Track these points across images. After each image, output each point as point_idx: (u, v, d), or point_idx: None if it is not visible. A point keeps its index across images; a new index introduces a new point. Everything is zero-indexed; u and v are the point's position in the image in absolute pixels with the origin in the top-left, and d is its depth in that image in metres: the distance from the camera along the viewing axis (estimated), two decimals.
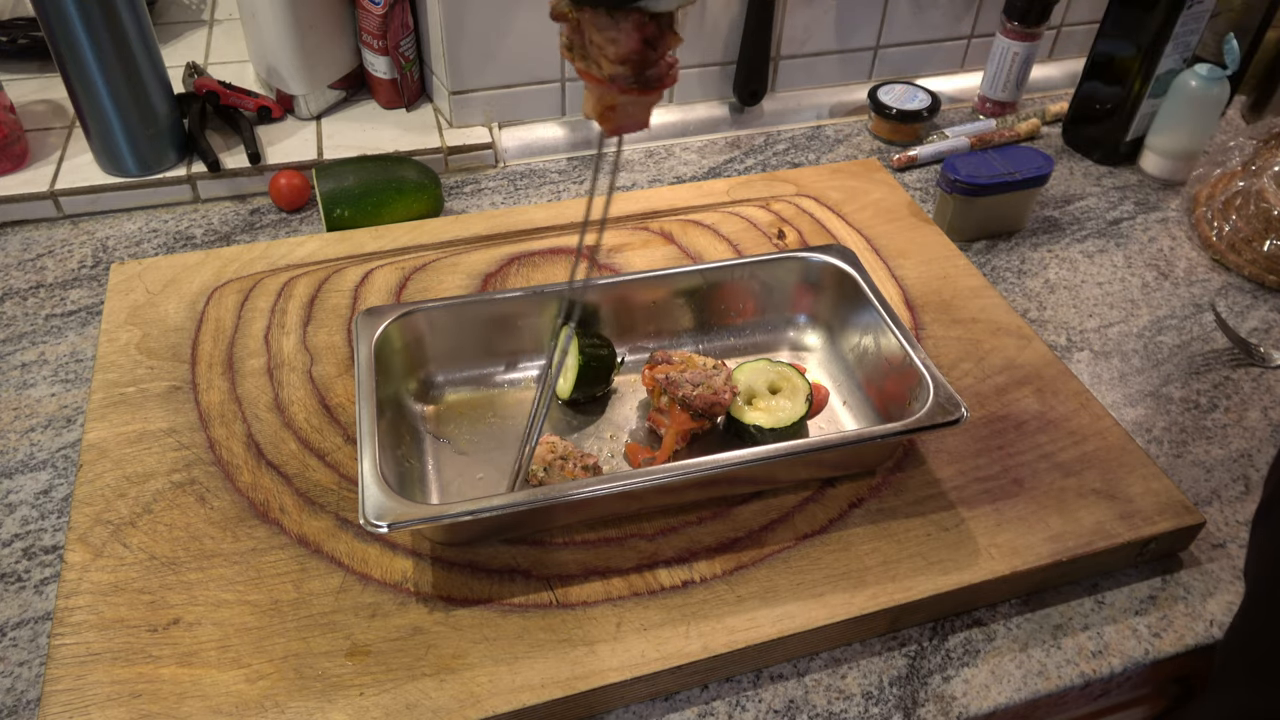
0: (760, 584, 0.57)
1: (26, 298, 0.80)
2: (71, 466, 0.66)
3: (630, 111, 0.50)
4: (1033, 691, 0.56)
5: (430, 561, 0.58)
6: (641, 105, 0.50)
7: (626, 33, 0.47)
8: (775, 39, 1.03)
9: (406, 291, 0.77)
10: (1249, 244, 0.88)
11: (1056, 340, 0.80)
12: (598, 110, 0.50)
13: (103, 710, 0.50)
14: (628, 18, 0.47)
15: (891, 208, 0.89)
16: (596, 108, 0.50)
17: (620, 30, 0.47)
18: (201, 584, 0.56)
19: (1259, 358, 0.79)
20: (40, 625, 0.57)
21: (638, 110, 0.50)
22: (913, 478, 0.64)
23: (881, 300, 0.68)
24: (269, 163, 0.92)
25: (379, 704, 0.51)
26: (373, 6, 0.93)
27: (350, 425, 0.66)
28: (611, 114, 0.50)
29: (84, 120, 0.87)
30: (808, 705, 0.55)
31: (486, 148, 0.98)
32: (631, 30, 0.47)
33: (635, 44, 0.48)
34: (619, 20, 0.47)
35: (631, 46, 0.48)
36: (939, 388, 0.61)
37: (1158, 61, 0.95)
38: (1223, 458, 0.71)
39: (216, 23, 1.18)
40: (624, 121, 0.50)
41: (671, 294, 0.72)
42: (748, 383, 0.66)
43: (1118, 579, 0.62)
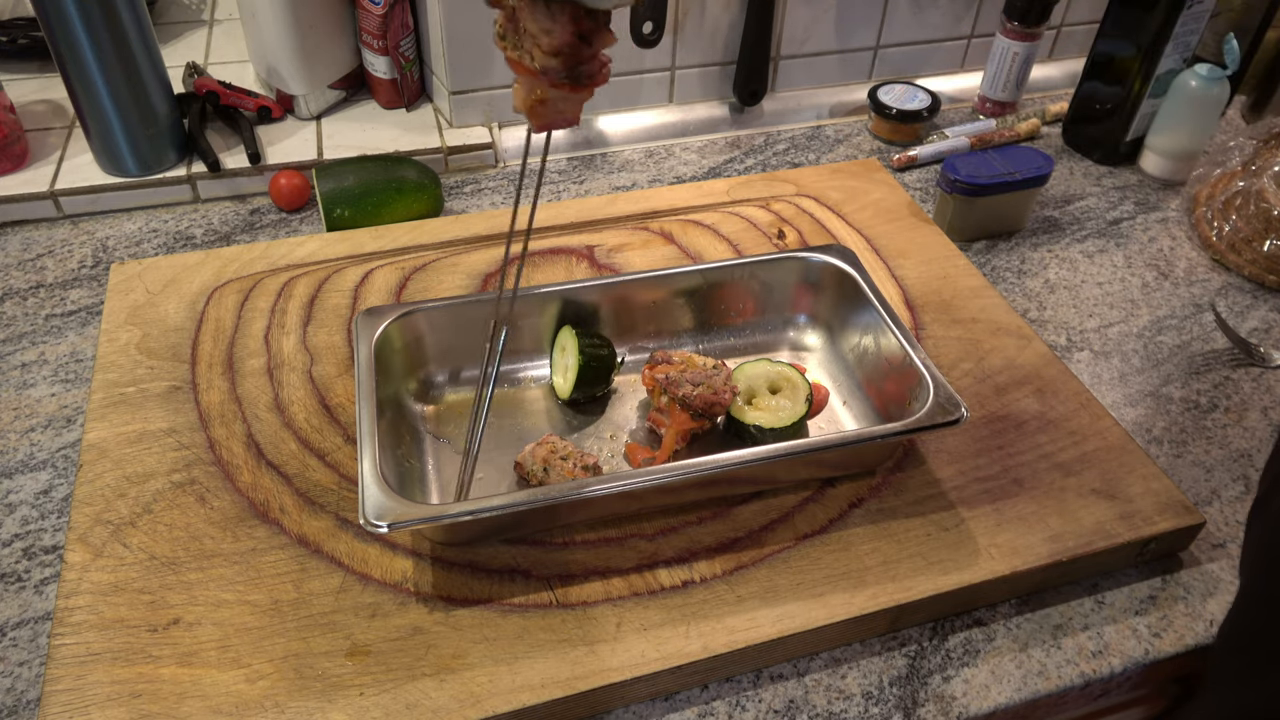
0: (760, 584, 0.57)
1: (26, 298, 0.80)
2: (71, 466, 0.66)
3: (560, 108, 0.50)
4: (1033, 691, 0.56)
5: (430, 561, 0.58)
6: (572, 102, 0.50)
7: (562, 25, 0.47)
8: (775, 39, 1.03)
9: (406, 291, 0.77)
10: (1249, 244, 0.88)
11: (1056, 340, 0.80)
12: (527, 104, 0.50)
13: (103, 710, 0.50)
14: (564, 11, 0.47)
15: (891, 208, 0.89)
16: (526, 101, 0.50)
17: (555, 22, 0.47)
18: (201, 584, 0.56)
19: (1259, 358, 0.79)
20: (40, 625, 0.57)
21: (568, 106, 0.50)
22: (913, 478, 0.64)
23: (881, 300, 0.68)
24: (269, 163, 0.92)
25: (379, 704, 0.51)
26: (373, 6, 0.93)
27: (350, 425, 0.66)
28: (541, 108, 0.50)
29: (84, 120, 0.87)
30: (808, 705, 0.55)
31: (486, 148, 0.98)
32: (567, 23, 0.47)
33: (569, 37, 0.47)
34: (555, 12, 0.47)
35: (565, 39, 0.47)
36: (939, 388, 0.61)
37: (1158, 61, 0.95)
38: (1223, 458, 0.71)
39: (216, 23, 1.18)
40: (553, 118, 0.50)
41: (671, 294, 0.72)
42: (748, 383, 0.66)
43: (1118, 579, 0.62)
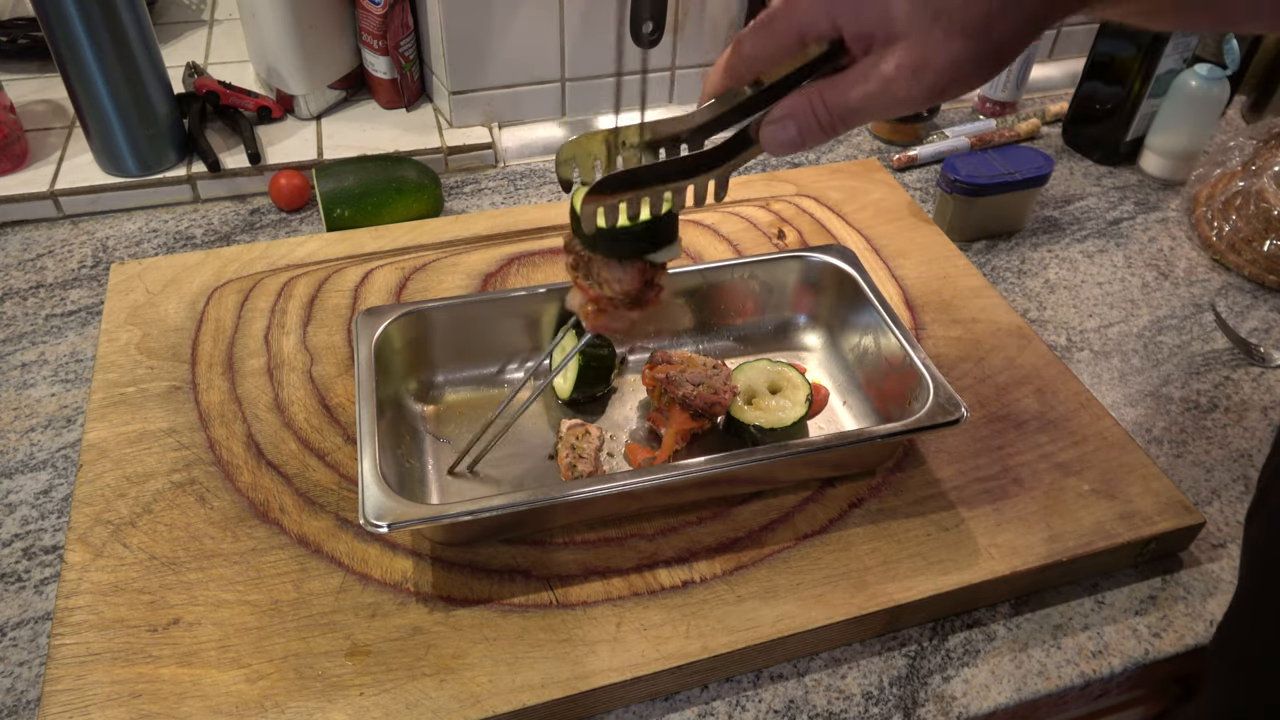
0: (760, 584, 0.57)
1: (26, 298, 0.80)
2: (71, 466, 0.66)
3: (616, 316, 0.57)
4: (1033, 691, 0.56)
5: (430, 561, 0.58)
6: (627, 317, 0.57)
7: (631, 275, 0.55)
8: None
9: (406, 291, 0.77)
10: (1249, 244, 0.88)
11: (1056, 340, 0.80)
12: (584, 311, 0.57)
13: (103, 710, 0.50)
14: (634, 264, 0.55)
15: (891, 208, 0.89)
16: (584, 309, 0.57)
17: (626, 273, 0.55)
18: (201, 584, 0.56)
19: (1259, 358, 0.79)
20: (40, 625, 0.57)
21: (619, 320, 0.57)
22: (913, 478, 0.64)
23: (881, 300, 0.68)
24: (269, 163, 0.92)
25: (379, 704, 0.51)
26: (373, 6, 0.93)
27: (350, 425, 0.66)
28: (599, 316, 0.57)
29: (84, 120, 0.87)
30: (808, 705, 0.55)
31: (486, 148, 0.98)
32: (635, 274, 0.55)
33: (637, 284, 0.56)
34: (626, 266, 0.55)
35: (634, 286, 0.56)
36: (939, 388, 0.61)
37: (1158, 61, 0.95)
38: (1223, 458, 0.71)
39: (216, 23, 1.18)
40: (609, 325, 0.57)
41: (671, 294, 0.72)
42: (748, 383, 0.66)
43: (1118, 579, 0.62)
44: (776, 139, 0.46)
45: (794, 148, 0.46)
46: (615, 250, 0.54)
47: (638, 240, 0.54)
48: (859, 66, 0.43)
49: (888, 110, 0.43)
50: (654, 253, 0.55)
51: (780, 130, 0.45)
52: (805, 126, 0.45)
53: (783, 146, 0.46)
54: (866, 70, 0.42)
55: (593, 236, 0.53)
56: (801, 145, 0.46)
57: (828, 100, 0.44)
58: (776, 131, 0.46)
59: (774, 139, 0.46)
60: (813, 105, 0.44)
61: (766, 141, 0.46)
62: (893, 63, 0.41)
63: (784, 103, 0.45)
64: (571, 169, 0.53)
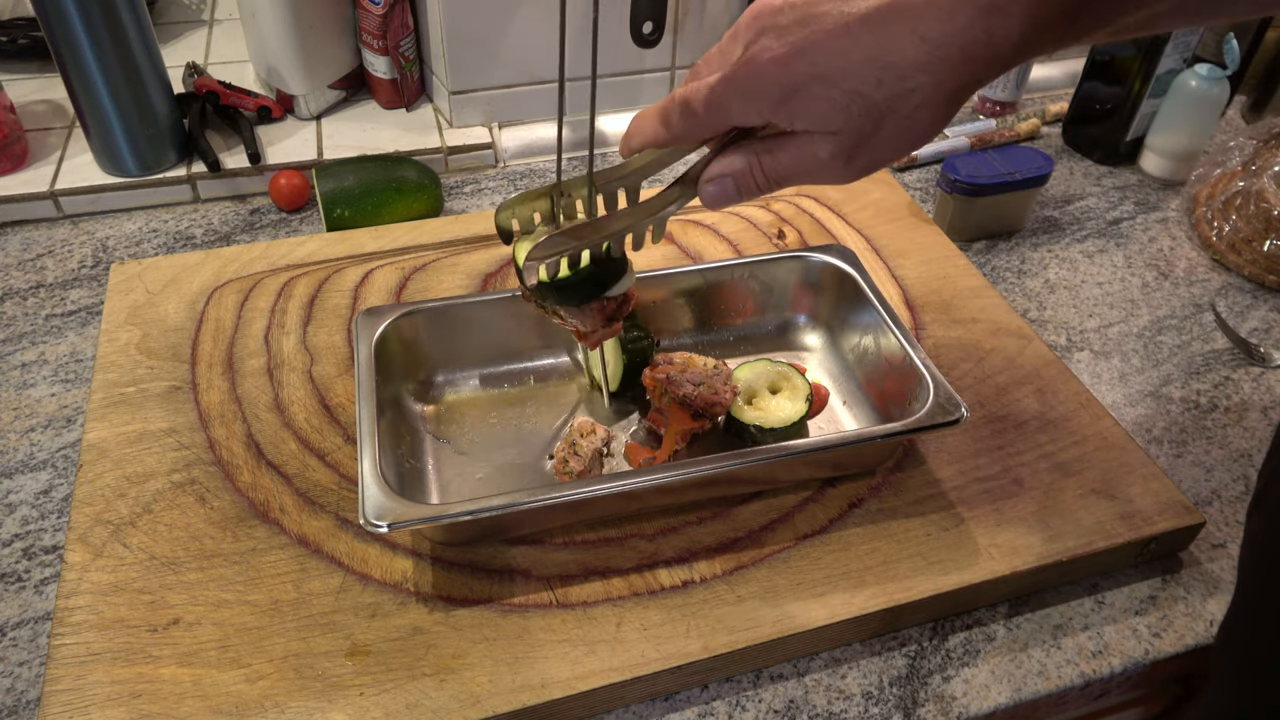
0: (760, 584, 0.57)
1: (26, 298, 0.80)
2: (71, 466, 0.66)
3: (601, 334, 0.59)
4: (1033, 691, 0.56)
5: (430, 561, 0.58)
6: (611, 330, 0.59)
7: (591, 314, 0.57)
8: None
9: (406, 291, 0.77)
10: (1249, 244, 0.88)
11: (1056, 340, 0.80)
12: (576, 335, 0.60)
13: (103, 710, 0.50)
14: (590, 308, 0.57)
15: (891, 208, 0.89)
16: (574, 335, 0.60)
17: (585, 313, 0.57)
18: (201, 584, 0.56)
19: (1259, 358, 0.79)
20: (40, 625, 0.57)
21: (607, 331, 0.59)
22: (913, 478, 0.64)
23: (881, 300, 0.68)
24: (269, 163, 0.92)
25: (379, 704, 0.51)
26: (373, 6, 0.93)
27: (350, 425, 0.66)
28: (587, 339, 0.59)
29: (84, 120, 0.87)
30: (808, 705, 0.55)
31: (486, 148, 0.98)
32: (595, 312, 0.57)
33: (599, 321, 0.58)
34: (585, 311, 0.57)
35: (596, 324, 0.58)
36: (939, 388, 0.61)
37: (1158, 61, 0.95)
38: (1223, 458, 0.71)
39: (216, 23, 1.18)
40: (600, 339, 0.60)
41: (671, 294, 0.72)
42: (748, 383, 0.66)
43: (1118, 579, 0.62)
44: (715, 196, 0.48)
45: (728, 203, 0.49)
46: (566, 299, 0.55)
47: (586, 286, 0.55)
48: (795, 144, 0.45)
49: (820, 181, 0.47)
50: (606, 292, 0.56)
51: (718, 188, 0.48)
52: (743, 186, 0.48)
53: (720, 203, 0.49)
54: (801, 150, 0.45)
55: (540, 289, 0.54)
56: (736, 200, 0.49)
57: (765, 165, 0.46)
58: (715, 189, 0.48)
59: (713, 196, 0.48)
60: (750, 168, 0.47)
61: (705, 197, 0.49)
62: (827, 150, 0.44)
63: (723, 161, 0.48)
64: (510, 218, 0.54)
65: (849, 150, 0.43)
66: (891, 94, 0.41)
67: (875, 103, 0.41)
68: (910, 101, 0.41)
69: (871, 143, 0.43)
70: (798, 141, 0.45)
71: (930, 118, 0.42)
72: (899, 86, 0.41)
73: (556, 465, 0.62)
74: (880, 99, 0.41)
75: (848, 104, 0.42)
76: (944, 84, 0.41)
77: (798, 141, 0.45)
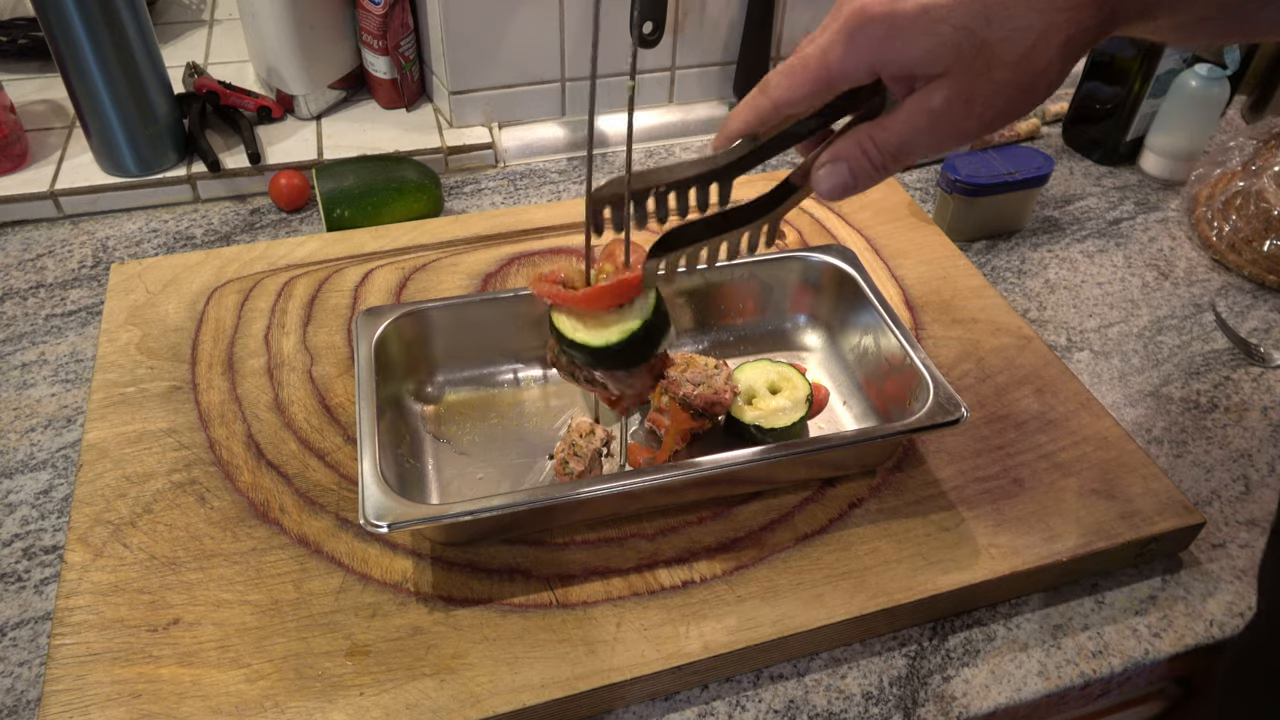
0: (760, 584, 0.57)
1: (26, 298, 0.80)
2: (71, 466, 0.66)
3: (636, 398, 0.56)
4: (1033, 691, 0.56)
5: (430, 561, 0.58)
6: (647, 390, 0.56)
7: (640, 376, 0.53)
8: (775, 39, 1.03)
9: (406, 291, 0.77)
10: (1249, 244, 0.88)
11: (1056, 340, 0.80)
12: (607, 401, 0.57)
13: (103, 710, 0.50)
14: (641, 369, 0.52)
15: (891, 208, 0.89)
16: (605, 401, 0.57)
17: (634, 376, 0.53)
18: (201, 584, 0.56)
19: (1259, 358, 0.79)
20: (40, 625, 0.57)
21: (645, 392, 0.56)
22: (913, 478, 0.64)
23: (881, 300, 0.68)
24: (269, 163, 0.92)
25: (379, 704, 0.51)
26: (373, 6, 0.93)
27: (350, 425, 0.66)
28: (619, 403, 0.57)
29: (84, 120, 0.87)
30: (808, 705, 0.55)
31: (486, 148, 0.98)
32: (644, 373, 0.53)
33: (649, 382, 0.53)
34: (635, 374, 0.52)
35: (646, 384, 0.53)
36: (939, 388, 0.61)
37: (1158, 61, 0.95)
38: (1223, 458, 0.71)
39: (216, 23, 1.18)
40: (632, 404, 0.57)
41: (671, 294, 0.72)
42: (748, 383, 0.66)
43: (1118, 579, 0.62)
44: (829, 183, 0.46)
45: (847, 191, 0.46)
46: (619, 364, 0.52)
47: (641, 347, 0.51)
48: (906, 105, 0.43)
49: (940, 145, 0.44)
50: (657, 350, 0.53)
51: (833, 174, 0.45)
52: (858, 169, 0.45)
53: (835, 190, 0.46)
54: (913, 108, 0.42)
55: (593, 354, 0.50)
56: (854, 188, 0.46)
57: (878, 140, 0.44)
58: (829, 175, 0.46)
59: (827, 183, 0.46)
60: (863, 147, 0.44)
61: (819, 185, 0.46)
62: (940, 97, 0.41)
63: (834, 147, 0.45)
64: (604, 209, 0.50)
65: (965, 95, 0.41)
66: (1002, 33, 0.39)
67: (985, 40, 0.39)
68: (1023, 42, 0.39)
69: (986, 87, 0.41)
70: (907, 105, 0.43)
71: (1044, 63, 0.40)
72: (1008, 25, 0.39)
73: (556, 465, 0.62)
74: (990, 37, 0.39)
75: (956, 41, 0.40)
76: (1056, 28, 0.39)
77: (907, 105, 0.43)
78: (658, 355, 0.53)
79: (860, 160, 0.45)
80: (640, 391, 0.54)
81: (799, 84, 0.44)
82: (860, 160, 0.45)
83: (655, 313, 0.51)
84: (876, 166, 0.45)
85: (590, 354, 0.51)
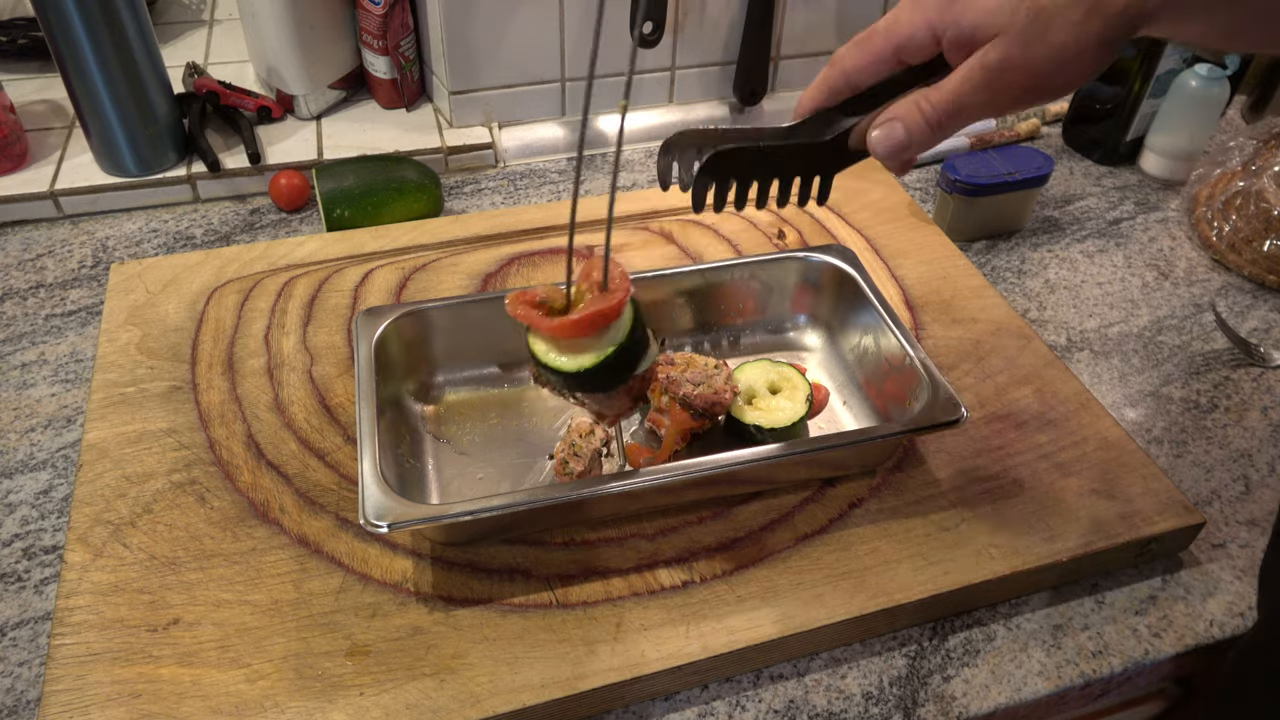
0: (760, 584, 0.57)
1: (26, 298, 0.80)
2: (71, 466, 0.66)
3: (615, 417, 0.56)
4: (1033, 691, 0.56)
5: (430, 561, 0.58)
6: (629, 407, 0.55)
7: (618, 398, 0.53)
8: (775, 39, 1.03)
9: (406, 291, 0.77)
10: (1249, 244, 0.88)
11: (1056, 340, 0.80)
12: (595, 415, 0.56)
13: (103, 710, 0.50)
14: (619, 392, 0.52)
15: (891, 208, 0.89)
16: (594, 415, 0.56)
17: (612, 398, 0.52)
18: (201, 584, 0.56)
19: (1259, 358, 0.79)
20: (40, 625, 0.57)
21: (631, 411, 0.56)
22: (913, 478, 0.64)
23: (881, 300, 0.68)
24: (269, 163, 0.92)
25: (379, 704, 0.51)
26: (373, 6, 0.93)
27: (350, 425, 0.66)
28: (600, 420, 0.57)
29: (84, 120, 0.87)
30: (808, 705, 0.55)
31: (486, 148, 0.98)
32: (622, 395, 0.52)
33: (627, 403, 0.53)
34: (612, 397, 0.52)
35: (624, 406, 0.54)
36: (939, 388, 0.61)
37: (1158, 61, 0.95)
38: (1223, 458, 0.71)
39: (216, 23, 1.18)
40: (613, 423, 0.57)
41: (671, 294, 0.72)
42: (748, 383, 0.66)
43: (1118, 579, 0.62)
44: (884, 141, 0.47)
45: (901, 150, 0.47)
46: (593, 388, 0.51)
47: (613, 372, 0.50)
48: (962, 66, 0.45)
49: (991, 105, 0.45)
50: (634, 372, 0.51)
51: (888, 132, 0.47)
52: (913, 127, 0.46)
53: (891, 149, 0.47)
54: (970, 66, 0.44)
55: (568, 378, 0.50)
56: (908, 147, 0.47)
57: (933, 99, 0.45)
58: (885, 133, 0.47)
59: (882, 141, 0.47)
60: (920, 106, 0.46)
61: (874, 144, 0.48)
62: (996, 55, 0.43)
63: (890, 108, 0.47)
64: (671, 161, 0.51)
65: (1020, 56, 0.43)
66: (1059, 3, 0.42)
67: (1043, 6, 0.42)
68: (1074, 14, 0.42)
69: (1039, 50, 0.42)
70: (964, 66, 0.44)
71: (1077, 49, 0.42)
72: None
73: (556, 465, 0.62)
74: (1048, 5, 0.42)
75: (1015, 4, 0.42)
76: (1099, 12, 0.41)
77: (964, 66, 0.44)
78: (637, 376, 0.52)
79: (915, 118, 0.46)
80: (620, 411, 0.54)
81: (867, 52, 0.47)
82: (915, 118, 0.46)
83: (631, 336, 0.49)
84: (931, 125, 0.46)
85: (565, 378, 0.50)
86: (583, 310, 0.48)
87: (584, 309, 0.49)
